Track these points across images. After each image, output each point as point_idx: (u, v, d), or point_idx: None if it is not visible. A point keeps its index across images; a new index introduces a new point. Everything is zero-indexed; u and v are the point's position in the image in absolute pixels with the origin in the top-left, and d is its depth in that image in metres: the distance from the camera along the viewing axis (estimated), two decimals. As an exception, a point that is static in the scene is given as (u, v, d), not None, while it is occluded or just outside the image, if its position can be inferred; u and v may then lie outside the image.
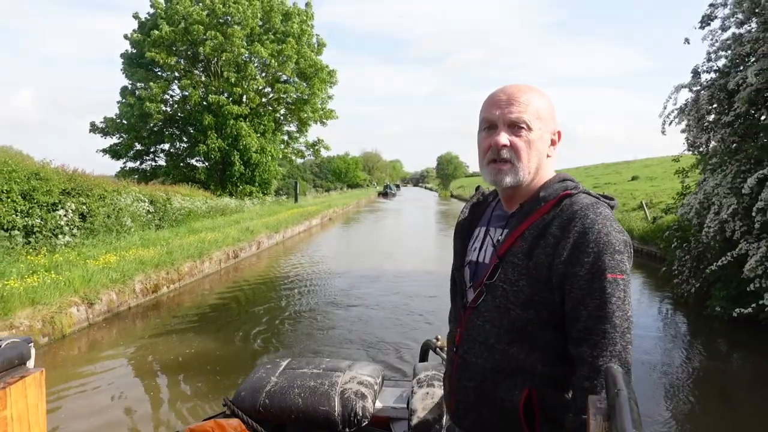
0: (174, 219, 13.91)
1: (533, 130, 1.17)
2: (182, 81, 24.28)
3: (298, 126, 28.94)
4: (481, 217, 1.34)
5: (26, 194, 8.36)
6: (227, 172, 25.31)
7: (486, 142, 1.19)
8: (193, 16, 23.34)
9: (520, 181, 1.18)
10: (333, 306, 8.20)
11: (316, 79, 26.64)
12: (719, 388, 5.21)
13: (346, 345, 6.20)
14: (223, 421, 1.73)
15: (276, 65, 25.24)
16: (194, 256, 9.99)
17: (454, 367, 1.26)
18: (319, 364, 2.06)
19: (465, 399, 1.24)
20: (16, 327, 5.51)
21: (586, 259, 1.08)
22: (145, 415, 4.46)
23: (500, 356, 1.17)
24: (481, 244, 1.28)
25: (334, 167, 73.09)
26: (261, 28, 25.39)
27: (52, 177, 8.92)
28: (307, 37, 26.82)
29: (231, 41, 23.66)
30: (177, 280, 9.10)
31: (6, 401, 1.38)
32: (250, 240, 13.51)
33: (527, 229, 1.16)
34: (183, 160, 27.24)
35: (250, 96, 25.00)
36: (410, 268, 11.48)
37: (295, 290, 9.45)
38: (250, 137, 24.54)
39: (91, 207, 10.08)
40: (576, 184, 1.21)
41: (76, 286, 6.68)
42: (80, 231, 9.61)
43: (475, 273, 1.26)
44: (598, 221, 1.10)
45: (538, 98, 1.19)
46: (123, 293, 7.49)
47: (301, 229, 19.96)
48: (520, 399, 1.15)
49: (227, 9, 23.95)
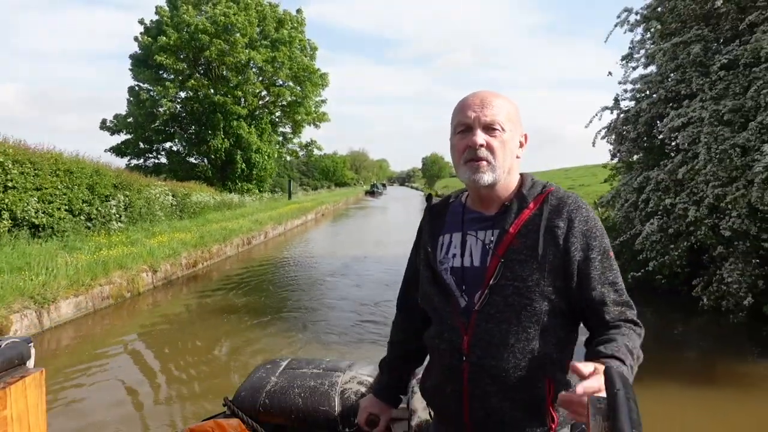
0: (192, 211, 15.93)
1: (506, 132, 1.22)
2: (189, 82, 25.93)
3: (293, 127, 30.91)
4: (443, 226, 1.34)
5: (90, 187, 10.37)
6: (229, 169, 27.14)
7: (462, 143, 1.23)
8: (198, 26, 25.15)
9: (496, 180, 1.22)
10: (331, 276, 10.38)
11: (308, 82, 28.62)
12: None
13: (342, 301, 8.32)
14: (223, 421, 1.72)
15: (271, 70, 27.14)
16: (219, 240, 12.09)
17: (465, 377, 1.22)
18: (319, 364, 2.04)
19: (485, 405, 1.21)
20: (113, 283, 7.58)
21: (594, 243, 1.20)
22: (210, 344, 6.56)
23: (521, 354, 1.18)
24: (461, 250, 1.27)
25: (323, 166, 74.87)
26: (258, 35, 27.27)
27: (107, 173, 10.95)
28: (300, 43, 28.75)
29: (233, 48, 25.49)
30: (208, 259, 11.19)
31: (6, 401, 1.38)
32: (259, 230, 15.61)
33: (523, 225, 1.20)
34: (184, 158, 28.99)
35: (249, 99, 26.91)
36: (394, 252, 13.70)
37: (301, 267, 11.59)
38: (251, 137, 26.42)
39: (132, 199, 12.09)
40: (546, 182, 1.30)
41: (145, 258, 8.75)
42: (125, 219, 11.63)
43: (463, 278, 1.25)
44: (590, 211, 1.23)
45: (508, 103, 1.26)
46: (174, 265, 9.58)
47: (299, 222, 22.08)
48: (545, 390, 1.19)
49: (228, 19, 25.83)
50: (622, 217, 8.66)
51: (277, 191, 37.09)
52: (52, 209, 9.16)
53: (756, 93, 6.13)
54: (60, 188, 9.46)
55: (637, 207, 8.32)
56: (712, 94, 6.90)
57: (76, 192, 9.90)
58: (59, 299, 6.40)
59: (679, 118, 7.16)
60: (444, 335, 1.26)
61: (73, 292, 6.74)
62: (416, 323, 1.44)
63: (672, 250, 7.37)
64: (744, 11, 7.12)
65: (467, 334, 1.21)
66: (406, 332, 1.50)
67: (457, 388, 1.23)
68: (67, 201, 9.64)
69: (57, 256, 7.41)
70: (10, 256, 7.07)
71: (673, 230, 7.32)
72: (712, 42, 7.52)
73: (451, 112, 1.29)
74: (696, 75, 7.32)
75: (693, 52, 7.33)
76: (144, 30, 27.21)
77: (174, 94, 25.67)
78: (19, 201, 8.38)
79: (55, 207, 9.26)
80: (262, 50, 26.33)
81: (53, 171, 9.30)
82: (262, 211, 20.19)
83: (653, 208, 7.71)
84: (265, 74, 27.46)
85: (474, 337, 1.20)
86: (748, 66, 6.59)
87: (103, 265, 7.62)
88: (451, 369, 1.24)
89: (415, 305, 1.42)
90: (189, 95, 26.94)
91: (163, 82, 25.83)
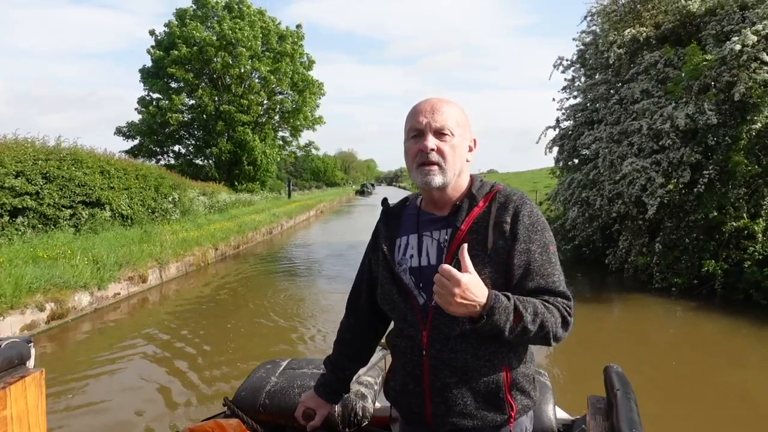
0: (218, 208, 18.91)
1: (455, 136, 1.28)
2: (197, 92, 28.67)
3: (291, 132, 33.86)
4: (399, 228, 1.40)
5: (156, 187, 13.37)
6: (235, 170, 30.01)
7: (415, 148, 1.28)
8: (206, 40, 27.91)
9: (447, 182, 1.28)
10: (335, 258, 13.47)
11: (307, 92, 31.61)
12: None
13: (349, 271, 11.43)
14: (223, 421, 1.70)
15: (274, 80, 30.04)
16: (252, 229, 15.18)
17: (425, 371, 1.27)
18: (319, 364, 1.93)
19: (446, 398, 1.26)
20: (195, 255, 10.63)
21: (535, 236, 1.26)
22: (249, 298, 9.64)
23: (479, 344, 1.24)
24: (418, 250, 1.33)
25: (314, 166, 77.55)
26: (261, 48, 30.13)
27: (167, 176, 13.96)
28: (299, 56, 31.70)
29: (238, 61, 28.31)
30: (246, 243, 14.28)
31: (6, 401, 1.40)
32: (275, 223, 18.73)
33: (474, 222, 1.27)
34: (191, 160, 31.75)
35: (253, 108, 29.78)
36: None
37: (313, 249, 14.70)
38: (254, 142, 29.30)
39: (181, 196, 15.09)
40: (494, 182, 1.37)
41: (209, 240, 11.81)
42: (178, 213, 14.65)
43: (421, 276, 1.30)
44: (534, 207, 1.30)
45: (457, 109, 1.31)
46: (227, 246, 12.65)
47: (304, 218, 25.20)
48: (503, 377, 1.26)
49: (234, 34, 28.64)
50: (561, 206, 11.93)
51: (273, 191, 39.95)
52: (134, 204, 12.15)
53: (632, 122, 9.37)
54: (138, 188, 12.45)
55: (567, 200, 11.60)
56: (610, 121, 10.17)
57: (147, 191, 12.90)
58: (170, 263, 9.46)
59: (590, 136, 10.41)
60: (404, 332, 1.32)
61: (175, 259, 9.79)
62: (364, 325, 1.53)
63: (587, 229, 10.64)
64: (632, 63, 10.39)
65: (426, 329, 1.27)
66: (354, 332, 1.55)
67: (419, 383, 1.29)
68: (142, 198, 12.63)
69: (160, 235, 10.45)
70: (128, 235, 10.08)
71: (588, 215, 10.58)
72: (613, 84, 10.77)
73: None
74: (602, 107, 10.59)
75: (599, 90, 10.60)
76: (156, 42, 29.91)
77: (182, 103, 28.35)
78: (115, 198, 11.35)
79: (135, 202, 12.25)
80: (265, 61, 29.13)
81: (135, 175, 12.29)
82: (273, 208, 23.22)
83: (575, 200, 10.97)
84: (269, 84, 30.22)
85: (432, 332, 1.26)
86: (631, 103, 9.84)
87: (187, 243, 10.67)
88: (412, 365, 1.30)
89: (363, 307, 1.51)
90: (196, 103, 29.67)
91: (173, 92, 28.53)
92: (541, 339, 1.20)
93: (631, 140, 9.12)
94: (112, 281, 7.74)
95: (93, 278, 7.31)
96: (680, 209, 8.78)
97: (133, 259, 8.52)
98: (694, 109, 8.18)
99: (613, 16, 11.03)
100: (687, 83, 8.45)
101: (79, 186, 10.09)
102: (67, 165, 9.94)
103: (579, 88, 12.01)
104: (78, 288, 6.98)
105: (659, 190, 8.49)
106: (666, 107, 8.70)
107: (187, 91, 29.72)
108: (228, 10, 29.50)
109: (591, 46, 11.48)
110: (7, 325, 5.68)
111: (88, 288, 7.18)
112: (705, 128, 8.19)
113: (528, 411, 1.32)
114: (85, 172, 10.35)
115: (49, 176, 9.38)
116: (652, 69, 9.50)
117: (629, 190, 9.01)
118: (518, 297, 1.18)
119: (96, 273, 7.47)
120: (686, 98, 8.43)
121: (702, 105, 8.10)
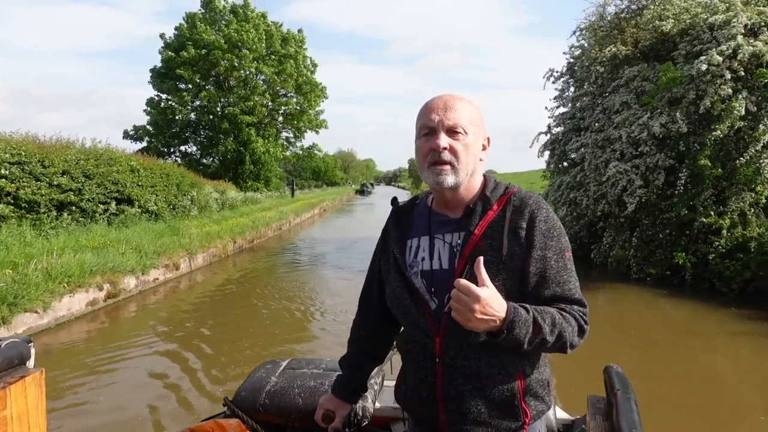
0: (229, 205, 19.94)
1: (469, 135, 1.24)
2: (202, 93, 29.60)
3: (295, 133, 34.83)
4: (411, 229, 1.36)
5: (177, 185, 14.40)
6: (239, 169, 30.94)
7: (426, 147, 1.25)
8: (214, 43, 28.86)
9: (460, 182, 1.25)
10: (339, 251, 14.51)
11: (311, 94, 32.60)
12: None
13: (356, 262, 12.44)
14: (223, 421, 1.70)
15: (278, 82, 30.99)
16: (264, 225, 16.24)
17: (438, 378, 1.25)
18: (319, 364, 2.02)
19: (460, 406, 1.24)
20: (218, 247, 11.67)
21: (551, 242, 1.23)
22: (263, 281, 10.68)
23: (493, 352, 1.20)
24: (429, 253, 1.29)
25: (313, 166, 78.36)
26: (265, 51, 31.07)
27: (187, 175, 15.00)
28: (303, 58, 32.68)
29: (243, 63, 29.24)
30: (259, 237, 15.33)
31: (6, 401, 1.40)
32: (284, 219, 19.79)
33: (488, 226, 1.23)
34: (198, 159, 32.68)
35: (258, 109, 30.72)
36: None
37: (318, 242, 15.75)
38: (258, 142, 30.23)
39: (198, 194, 16.12)
40: (508, 183, 1.32)
41: (228, 234, 12.86)
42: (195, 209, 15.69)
43: (432, 281, 1.27)
44: (550, 212, 1.27)
45: (471, 106, 1.28)
46: (243, 239, 13.70)
47: (309, 215, 26.27)
48: (517, 384, 1.23)
49: (240, 36, 29.56)
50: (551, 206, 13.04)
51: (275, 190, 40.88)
52: (158, 200, 13.17)
53: (613, 130, 10.44)
54: (162, 186, 13.48)
55: (557, 200, 12.68)
56: (594, 128, 11.24)
57: (170, 189, 13.93)
58: (198, 253, 10.51)
59: (577, 142, 11.48)
60: (416, 338, 1.28)
61: (201, 250, 10.84)
62: (377, 322, 1.50)
63: (575, 227, 11.71)
64: (614, 77, 11.45)
65: (439, 336, 1.23)
66: (367, 329, 1.53)
67: (432, 390, 1.26)
68: (165, 195, 13.66)
69: (188, 229, 11.50)
70: (155, 229, 11.11)
71: (575, 214, 11.65)
72: (598, 96, 11.84)
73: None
74: (588, 116, 11.66)
75: (585, 101, 11.68)
76: (165, 44, 30.83)
77: (190, 103, 29.32)
78: (143, 195, 12.37)
79: (159, 199, 13.27)
80: (270, 63, 30.08)
81: (159, 174, 13.33)
82: (279, 206, 24.24)
83: (564, 200, 12.04)
84: (273, 85, 31.16)
85: (446, 339, 1.23)
86: (613, 113, 10.89)
87: (210, 236, 11.72)
88: (425, 372, 1.27)
89: (376, 304, 1.48)
90: (202, 104, 30.62)
91: (181, 92, 29.51)
92: (558, 348, 1.20)
93: (613, 147, 10.19)
94: (152, 268, 8.77)
95: (138, 264, 8.35)
96: (656, 208, 9.85)
97: (168, 250, 9.56)
98: (667, 119, 9.25)
99: (599, 32, 12.11)
100: (661, 95, 9.52)
101: (113, 183, 11.11)
102: (104, 164, 10.94)
103: (568, 97, 13.10)
104: (126, 272, 8.01)
105: (638, 190, 9.56)
106: (642, 116, 9.76)
107: (194, 92, 30.68)
108: (234, 14, 30.45)
109: (579, 60, 12.55)
110: (76, 300, 6.73)
111: (134, 273, 8.22)
112: (677, 136, 9.26)
113: (542, 415, 1.31)
114: (117, 170, 11.37)
115: (89, 174, 10.38)
116: (630, 83, 10.57)
117: (612, 191, 10.08)
118: (536, 308, 1.17)
119: (139, 260, 8.51)
120: (660, 109, 9.50)
121: (674, 115, 9.16)
